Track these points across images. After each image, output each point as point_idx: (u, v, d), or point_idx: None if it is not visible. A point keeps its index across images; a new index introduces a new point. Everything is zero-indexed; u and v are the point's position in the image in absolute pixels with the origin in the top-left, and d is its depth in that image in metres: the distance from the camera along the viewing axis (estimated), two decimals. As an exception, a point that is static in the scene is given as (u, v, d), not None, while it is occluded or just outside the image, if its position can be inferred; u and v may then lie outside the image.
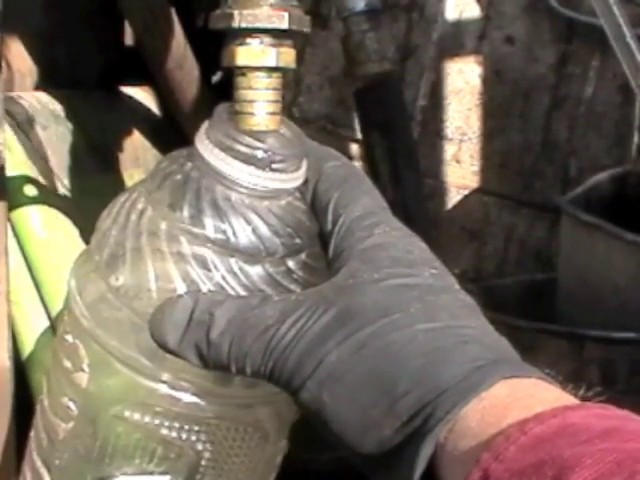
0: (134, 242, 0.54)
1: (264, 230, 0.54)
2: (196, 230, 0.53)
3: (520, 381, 0.46)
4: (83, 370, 0.56)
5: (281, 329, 0.49)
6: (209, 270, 0.53)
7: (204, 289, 0.53)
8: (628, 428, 0.42)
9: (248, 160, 0.53)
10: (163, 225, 0.54)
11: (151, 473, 0.56)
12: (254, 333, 0.49)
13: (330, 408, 0.47)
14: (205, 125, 0.55)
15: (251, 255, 0.53)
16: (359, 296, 0.49)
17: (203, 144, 0.54)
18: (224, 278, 0.53)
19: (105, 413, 0.56)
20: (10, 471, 0.87)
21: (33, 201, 1.03)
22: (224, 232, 0.53)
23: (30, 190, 1.03)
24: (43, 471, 0.60)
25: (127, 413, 0.55)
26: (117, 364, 0.55)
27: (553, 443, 0.41)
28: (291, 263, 0.54)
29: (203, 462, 0.56)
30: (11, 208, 1.00)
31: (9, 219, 0.95)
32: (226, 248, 0.53)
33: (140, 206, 0.55)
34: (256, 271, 0.53)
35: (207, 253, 0.53)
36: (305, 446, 0.57)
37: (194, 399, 0.54)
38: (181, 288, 0.53)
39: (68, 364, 0.57)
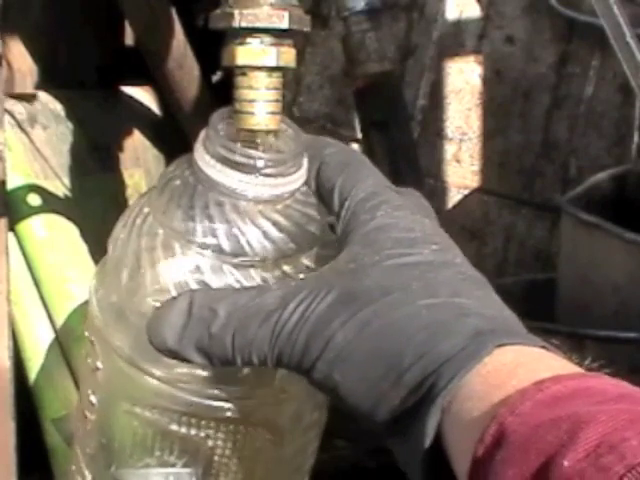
0: (135, 246, 0.55)
1: (275, 234, 0.54)
2: (194, 238, 0.53)
3: (524, 348, 0.47)
4: (98, 367, 0.58)
5: (284, 313, 0.49)
6: (202, 274, 0.53)
7: None
8: None
9: (249, 171, 0.53)
10: (160, 230, 0.54)
11: (173, 465, 0.57)
12: (257, 321, 0.49)
13: (342, 385, 0.49)
14: (202, 135, 0.55)
15: (263, 259, 0.54)
16: (361, 278, 0.49)
17: (203, 159, 0.54)
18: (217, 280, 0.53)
19: (118, 408, 0.57)
20: (10, 471, 0.87)
21: (35, 210, 1.03)
22: (238, 241, 0.53)
23: (33, 199, 1.03)
24: (80, 458, 0.62)
25: (138, 410, 0.56)
26: (123, 363, 0.56)
27: (569, 402, 0.42)
28: (306, 260, 0.55)
29: (216, 458, 0.57)
30: (15, 219, 1.00)
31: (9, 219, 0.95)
32: (236, 256, 0.53)
33: (146, 210, 0.56)
34: (275, 275, 0.54)
35: (201, 259, 0.53)
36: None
37: (199, 400, 0.55)
38: (175, 291, 0.53)
39: (89, 360, 0.59)
